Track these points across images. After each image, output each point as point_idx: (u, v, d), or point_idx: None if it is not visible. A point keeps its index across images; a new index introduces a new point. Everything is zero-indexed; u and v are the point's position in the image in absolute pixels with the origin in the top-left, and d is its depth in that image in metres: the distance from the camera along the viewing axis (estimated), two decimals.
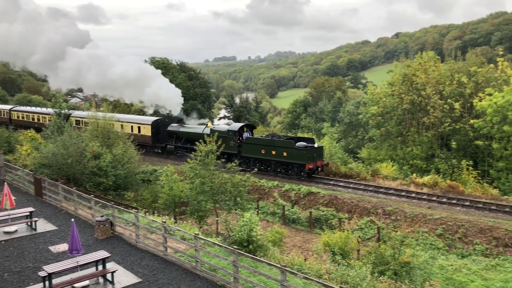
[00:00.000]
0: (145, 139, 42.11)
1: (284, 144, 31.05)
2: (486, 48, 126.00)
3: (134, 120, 43.89)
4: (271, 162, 32.18)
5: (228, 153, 33.56)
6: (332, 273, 13.42)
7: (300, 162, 30.17)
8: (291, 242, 22.21)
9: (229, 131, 34.41)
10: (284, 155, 30.90)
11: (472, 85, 38.26)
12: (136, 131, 42.51)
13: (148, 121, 42.40)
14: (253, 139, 33.65)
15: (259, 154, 32.45)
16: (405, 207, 24.48)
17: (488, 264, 18.76)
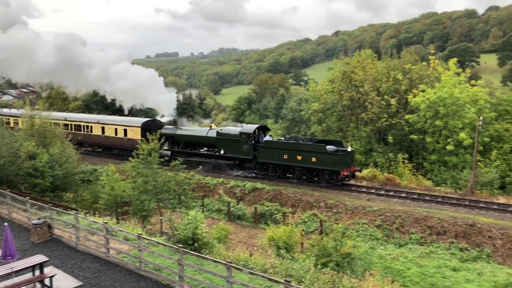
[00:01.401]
0: (133, 143, 34.67)
1: (313, 148, 27.43)
2: (419, 46, 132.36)
3: (119, 122, 38.33)
4: (295, 168, 28.62)
5: (239, 158, 30.85)
6: (277, 267, 13.66)
7: (334, 169, 26.81)
8: (237, 238, 22.31)
9: (242, 134, 30.17)
10: (312, 160, 27.23)
11: (407, 82, 40.11)
12: (121, 134, 37.44)
13: (136, 123, 36.90)
14: (274, 143, 29.54)
15: (281, 160, 28.73)
16: (346, 200, 25.31)
17: (423, 252, 19.82)
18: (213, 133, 32.08)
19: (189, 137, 34.18)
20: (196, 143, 34.06)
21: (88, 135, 40.20)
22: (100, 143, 39.79)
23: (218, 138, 31.53)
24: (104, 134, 38.46)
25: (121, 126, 37.51)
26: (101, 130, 38.31)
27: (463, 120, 33.58)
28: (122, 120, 38.75)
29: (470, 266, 18.28)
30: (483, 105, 34.72)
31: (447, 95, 34.21)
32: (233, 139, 30.50)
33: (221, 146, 31.51)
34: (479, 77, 65.78)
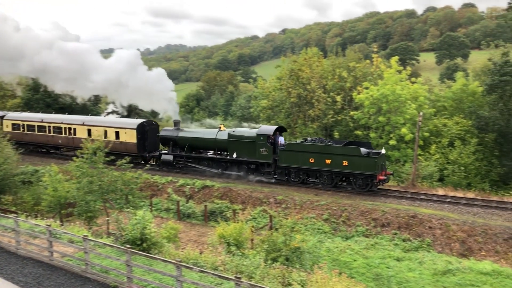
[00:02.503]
0: (127, 147, 32.99)
1: (345, 150, 25.42)
2: (363, 45, 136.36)
3: (109, 124, 34.74)
4: (323, 173, 26.45)
5: (255, 162, 28.39)
6: (228, 264, 13.70)
7: (369, 173, 24.80)
8: (187, 236, 22.13)
9: (260, 136, 27.66)
10: (344, 164, 25.16)
11: (352, 80, 41.30)
12: (112, 137, 33.32)
13: (131, 125, 33.47)
14: (298, 145, 27.12)
15: (306, 164, 26.46)
16: (295, 195, 25.74)
17: (368, 243, 20.53)
18: (224, 135, 29.28)
19: (195, 139, 30.79)
20: (203, 146, 30.95)
21: (71, 139, 35.91)
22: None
23: (230, 141, 28.76)
24: (90, 137, 34.92)
25: (112, 128, 33.80)
26: (87, 133, 34.21)
27: (405, 116, 35.02)
28: (114, 121, 35.51)
29: (412, 255, 19.13)
30: (422, 102, 36.37)
31: (389, 92, 35.54)
32: (249, 142, 27.94)
33: (233, 149, 28.74)
34: (419, 74, 68.82)
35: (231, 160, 29.15)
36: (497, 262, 18.37)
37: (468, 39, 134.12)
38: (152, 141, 33.92)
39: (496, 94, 31.88)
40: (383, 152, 25.86)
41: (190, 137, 31.08)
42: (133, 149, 32.80)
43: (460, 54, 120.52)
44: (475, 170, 31.76)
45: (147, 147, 33.56)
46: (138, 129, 32.89)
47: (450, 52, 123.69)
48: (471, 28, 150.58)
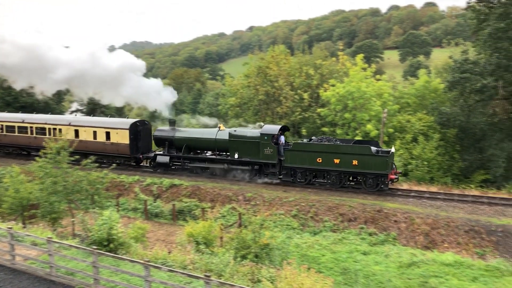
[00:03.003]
0: (119, 148, 31.44)
1: (355, 149, 24.83)
2: (329, 43, 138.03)
3: (99, 124, 32.79)
4: (331, 173, 25.85)
5: (259, 163, 27.55)
6: (197, 262, 13.63)
7: (381, 172, 24.35)
8: (155, 236, 21.89)
9: (264, 136, 26.81)
10: (354, 163, 24.61)
11: (318, 77, 41.82)
12: (102, 138, 31.96)
13: (124, 124, 31.65)
14: (305, 145, 26.36)
15: (314, 164, 25.76)
16: (264, 192, 25.86)
17: (336, 238, 20.86)
18: (224, 135, 28.37)
19: (193, 140, 29.63)
20: (202, 147, 29.90)
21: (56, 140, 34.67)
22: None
23: (232, 141, 27.87)
24: (78, 138, 32.52)
25: (102, 129, 32.00)
26: (74, 134, 32.53)
27: (370, 113, 35.74)
28: (104, 121, 33.50)
29: (379, 249, 19.56)
30: (387, 98, 37.20)
31: (355, 89, 36.18)
32: (252, 142, 27.10)
33: (235, 150, 27.84)
34: (383, 72, 70.17)
35: (233, 160, 28.23)
36: (459, 253, 19.03)
37: (430, 37, 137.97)
38: (145, 142, 32.56)
39: (456, 90, 32.89)
40: (392, 150, 25.40)
41: (188, 137, 29.81)
42: (126, 150, 31.28)
43: (422, 52, 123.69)
44: (437, 164, 32.72)
45: (140, 148, 32.04)
46: (131, 129, 31.28)
47: (413, 50, 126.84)
48: (432, 27, 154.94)
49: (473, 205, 22.96)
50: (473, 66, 31.92)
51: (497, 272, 16.67)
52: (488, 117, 32.03)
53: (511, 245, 19.19)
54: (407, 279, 16.27)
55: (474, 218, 21.02)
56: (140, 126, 32.06)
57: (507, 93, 30.43)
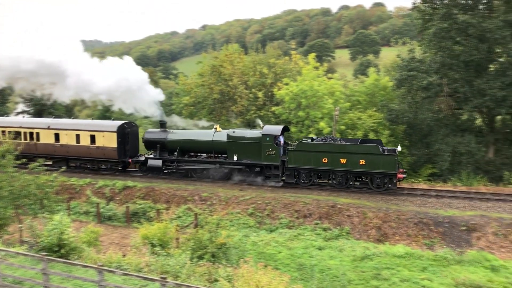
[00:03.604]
0: (105, 152, 29.86)
1: (363, 149, 24.40)
2: (282, 42, 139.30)
3: (82, 127, 30.91)
4: (337, 173, 25.36)
5: (260, 165, 26.74)
6: (152, 264, 13.44)
7: (389, 171, 24.02)
8: (108, 240, 21.38)
9: (266, 136, 26.03)
10: (361, 163, 24.24)
11: (272, 76, 42.11)
12: (86, 142, 30.24)
13: (110, 127, 30.01)
14: (310, 145, 25.52)
15: (319, 164, 25.16)
16: (220, 191, 25.81)
17: (292, 234, 21.15)
18: (222, 136, 27.50)
19: (189, 142, 28.52)
20: (198, 149, 28.86)
21: (33, 145, 31.95)
22: (52, 153, 31.67)
23: (230, 142, 27.04)
24: (59, 142, 31.00)
25: (86, 132, 30.32)
26: (54, 138, 31.03)
27: (322, 111, 36.37)
28: (88, 123, 31.83)
29: (333, 244, 20.01)
30: (338, 96, 37.98)
31: (307, 88, 36.70)
32: (253, 143, 26.30)
33: (233, 152, 27.02)
34: (335, 70, 71.74)
35: (231, 163, 27.42)
36: (409, 245, 19.80)
37: (379, 37, 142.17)
38: (133, 145, 31.02)
39: (404, 88, 34.07)
40: (398, 149, 25.03)
41: (182, 139, 28.72)
42: (113, 154, 29.72)
43: (372, 50, 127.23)
44: None
45: (128, 152, 30.49)
46: (119, 131, 29.73)
47: (363, 49, 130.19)
48: (381, 26, 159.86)
49: (421, 198, 23.92)
50: (419, 65, 33.17)
51: (444, 261, 17.47)
52: (434, 113, 33.41)
53: (456, 235, 20.17)
54: (361, 272, 16.74)
55: (422, 210, 21.92)
56: (127, 128, 30.56)
57: (451, 90, 31.85)
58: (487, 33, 29.05)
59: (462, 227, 20.33)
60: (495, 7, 31.40)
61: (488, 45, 29.96)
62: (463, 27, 29.51)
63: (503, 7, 30.33)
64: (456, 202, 23.03)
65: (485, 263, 17.10)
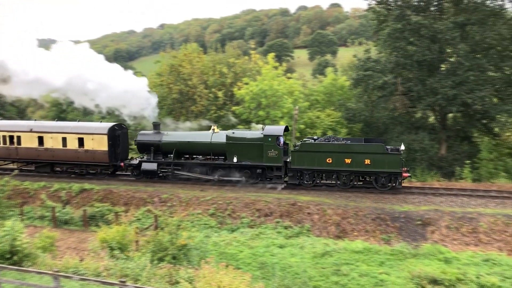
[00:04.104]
0: (95, 156, 28.28)
1: (369, 148, 24.07)
2: (241, 41, 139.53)
3: (68, 129, 29.06)
4: (342, 173, 24.90)
5: (261, 166, 25.90)
6: (111, 268, 13.16)
7: (395, 170, 23.83)
8: (65, 244, 20.72)
9: (268, 137, 25.27)
10: (366, 163, 23.92)
11: (232, 75, 42.15)
12: (74, 145, 28.52)
13: (101, 129, 28.42)
14: (314, 145, 24.90)
15: (323, 165, 24.66)
16: (180, 192, 25.55)
17: (253, 234, 21.21)
18: (221, 138, 26.56)
19: (185, 144, 27.38)
20: (195, 151, 27.85)
21: (14, 149, 29.94)
22: (35, 158, 29.93)
23: (230, 144, 26.18)
24: (43, 146, 29.23)
25: (73, 134, 28.58)
26: (37, 141, 29.28)
27: (282, 110, 36.76)
28: (75, 126, 29.66)
29: (294, 241, 20.21)
30: (298, 96, 38.52)
31: (267, 87, 37.00)
32: (254, 144, 25.64)
33: (233, 153, 26.21)
34: (294, 70, 72.60)
35: (231, 165, 26.48)
36: (367, 240, 20.29)
37: (336, 37, 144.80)
38: (124, 148, 29.68)
39: (361, 87, 34.94)
40: (402, 148, 24.63)
41: (178, 141, 27.58)
42: (104, 158, 28.24)
43: (329, 51, 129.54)
44: None
45: (118, 155, 29.02)
46: (109, 134, 28.27)
47: (321, 49, 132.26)
48: (338, 27, 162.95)
49: (378, 194, 24.56)
50: (375, 64, 34.13)
51: (401, 255, 18.02)
52: (390, 111, 34.47)
53: (412, 230, 20.85)
54: (321, 268, 17.01)
55: (379, 206, 22.52)
56: (118, 130, 29.17)
57: (405, 89, 32.92)
58: (438, 34, 30.23)
59: (417, 222, 21.03)
60: (445, 9, 32.76)
61: (439, 46, 31.20)
62: (416, 28, 30.59)
63: (452, 9, 31.68)
64: (411, 198, 23.80)
65: (439, 256, 17.77)
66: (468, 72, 29.96)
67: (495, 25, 29.83)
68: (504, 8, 31.31)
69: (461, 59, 30.04)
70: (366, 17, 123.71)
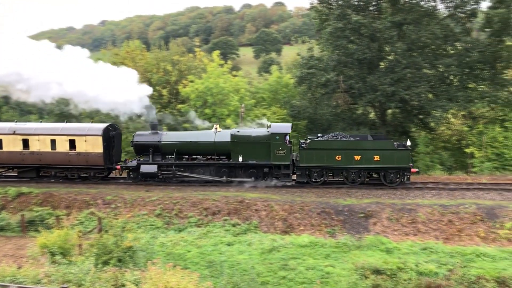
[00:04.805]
0: (89, 159, 26.66)
1: (378, 145, 24.33)
2: (185, 39, 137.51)
3: (58, 131, 27.19)
4: (351, 170, 24.91)
5: (268, 165, 25.42)
6: (53, 274, 12.66)
7: (404, 166, 24.27)
8: (1, 252, 19.68)
9: (275, 135, 24.84)
10: (375, 159, 24.11)
11: (177, 73, 41.58)
12: (64, 148, 26.76)
13: (94, 130, 26.84)
14: (323, 143, 24.87)
15: (332, 162, 24.59)
16: (125, 193, 24.96)
17: (201, 233, 21.10)
18: (225, 137, 25.79)
19: (187, 144, 26.38)
20: (198, 151, 26.92)
21: None
22: (19, 163, 27.80)
23: (235, 143, 25.45)
24: (28, 149, 27.17)
25: (64, 136, 26.79)
26: (21, 144, 27.17)
27: (229, 108, 36.75)
28: (65, 127, 27.69)
29: (242, 238, 20.33)
30: (244, 94, 38.65)
31: (213, 85, 36.84)
32: (261, 142, 25.09)
33: (238, 152, 25.48)
34: (239, 68, 72.85)
35: (235, 164, 25.83)
36: (313, 234, 20.79)
37: (280, 35, 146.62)
38: (118, 149, 28.36)
39: (305, 85, 35.58)
40: (408, 144, 25.26)
41: (179, 141, 26.60)
42: (99, 160, 26.71)
43: (274, 49, 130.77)
44: None
45: (113, 157, 27.67)
46: (104, 135, 26.74)
47: (266, 47, 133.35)
48: (282, 25, 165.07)
49: (323, 189, 25.20)
50: (318, 62, 34.86)
51: (345, 248, 18.63)
52: (332, 108, 35.38)
53: (355, 222, 21.59)
54: (269, 264, 17.24)
55: (324, 200, 23.12)
56: (112, 131, 27.69)
57: (346, 87, 33.92)
58: (377, 33, 31.39)
59: (360, 214, 21.80)
60: (383, 9, 34.03)
61: (378, 44, 32.39)
62: (356, 27, 31.56)
63: (390, 9, 32.96)
64: (354, 191, 24.60)
65: (381, 246, 18.54)
66: (405, 70, 31.33)
67: (429, 24, 31.35)
68: (437, 8, 33.01)
69: (399, 57, 31.34)
70: (309, 16, 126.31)
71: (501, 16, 30.20)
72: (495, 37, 31.79)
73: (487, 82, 32.55)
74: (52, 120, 33.43)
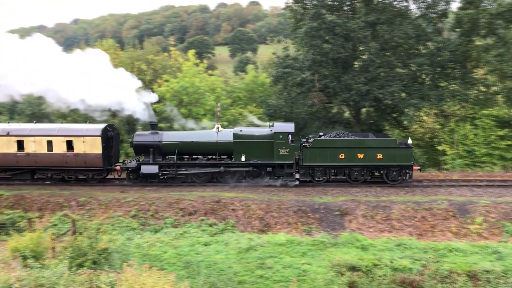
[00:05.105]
0: (87, 160, 25.97)
1: (381, 143, 24.56)
2: (160, 38, 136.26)
3: (55, 131, 26.28)
4: (354, 168, 25.05)
5: (271, 164, 25.34)
6: (25, 279, 12.34)
7: (406, 164, 24.55)
8: None
9: (279, 134, 24.88)
10: (378, 157, 24.42)
11: (151, 72, 41.21)
12: (61, 149, 25.97)
13: (93, 131, 26.10)
14: (326, 142, 24.97)
15: (335, 160, 24.76)
16: (99, 194, 24.57)
17: (177, 233, 20.94)
18: (227, 136, 25.64)
19: (189, 144, 26.08)
20: (199, 151, 26.54)
21: None
22: (13, 165, 26.76)
23: (238, 142, 25.30)
24: (23, 151, 26.20)
25: (61, 137, 26.00)
26: (16, 146, 26.18)
27: (205, 107, 36.64)
28: (62, 128, 26.77)
29: (219, 238, 20.26)
30: (220, 93, 38.61)
31: (189, 85, 36.68)
32: (264, 142, 25.08)
33: (241, 152, 25.37)
34: (215, 67, 72.65)
35: (238, 164, 25.67)
36: (290, 233, 20.89)
37: (256, 35, 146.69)
38: (116, 150, 27.79)
39: (280, 84, 35.73)
40: (409, 142, 25.40)
41: (181, 141, 26.18)
42: (98, 162, 26.06)
43: (250, 48, 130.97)
44: None
45: (112, 158, 27.11)
46: (103, 135, 26.14)
47: (242, 46, 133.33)
48: (257, 24, 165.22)
49: (299, 187, 25.36)
50: (293, 62, 35.05)
51: (321, 245, 18.77)
52: (308, 107, 35.64)
53: (331, 220, 21.80)
54: (246, 263, 17.23)
55: (301, 199, 23.28)
56: (111, 132, 27.06)
57: (322, 86, 34.23)
58: (351, 33, 31.78)
59: (336, 212, 22.03)
60: (357, 9, 34.46)
61: (352, 44, 32.79)
62: (330, 27, 31.88)
63: (363, 9, 33.39)
64: (329, 189, 24.85)
65: (357, 243, 18.77)
66: (379, 69, 31.83)
67: (402, 24, 31.93)
68: (409, 9, 33.64)
69: (372, 56, 31.79)
70: (284, 15, 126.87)
71: (471, 16, 31.03)
72: (465, 37, 32.65)
73: (458, 81, 33.37)
74: (24, 121, 32.55)
